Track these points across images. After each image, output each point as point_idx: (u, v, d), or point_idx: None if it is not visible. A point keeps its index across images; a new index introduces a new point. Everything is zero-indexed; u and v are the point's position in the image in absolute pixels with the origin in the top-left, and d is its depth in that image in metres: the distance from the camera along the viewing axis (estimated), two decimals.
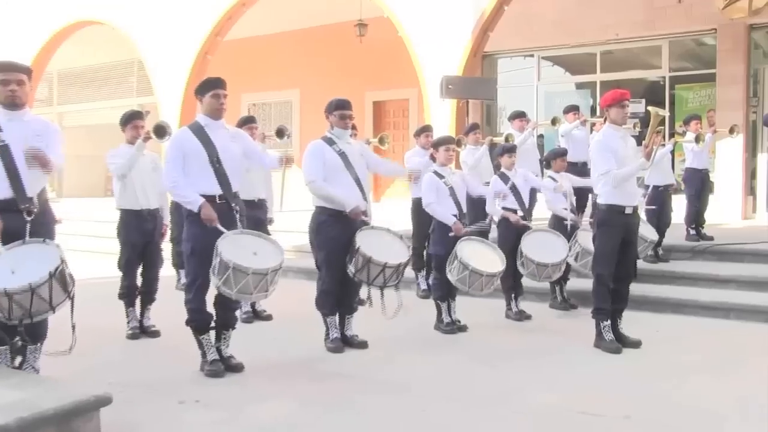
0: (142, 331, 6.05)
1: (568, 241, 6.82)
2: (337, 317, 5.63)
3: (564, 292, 7.30)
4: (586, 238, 6.72)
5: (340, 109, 5.49)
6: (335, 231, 5.39)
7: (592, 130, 9.61)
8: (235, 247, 4.56)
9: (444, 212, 6.20)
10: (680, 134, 9.40)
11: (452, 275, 6.00)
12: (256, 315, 6.77)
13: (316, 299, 5.60)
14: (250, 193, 6.24)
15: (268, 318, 6.79)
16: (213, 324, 4.93)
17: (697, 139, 8.51)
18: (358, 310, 5.72)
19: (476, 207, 7.29)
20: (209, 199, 4.72)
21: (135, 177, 5.81)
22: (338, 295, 5.54)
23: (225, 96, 4.84)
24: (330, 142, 5.49)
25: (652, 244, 7.40)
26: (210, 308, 4.92)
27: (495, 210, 6.90)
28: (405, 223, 7.91)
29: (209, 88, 4.82)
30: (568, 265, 6.95)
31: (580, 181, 7.41)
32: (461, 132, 8.97)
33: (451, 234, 6.08)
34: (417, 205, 7.67)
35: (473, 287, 5.95)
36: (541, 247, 6.62)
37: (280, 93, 16.35)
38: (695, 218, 8.86)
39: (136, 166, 5.81)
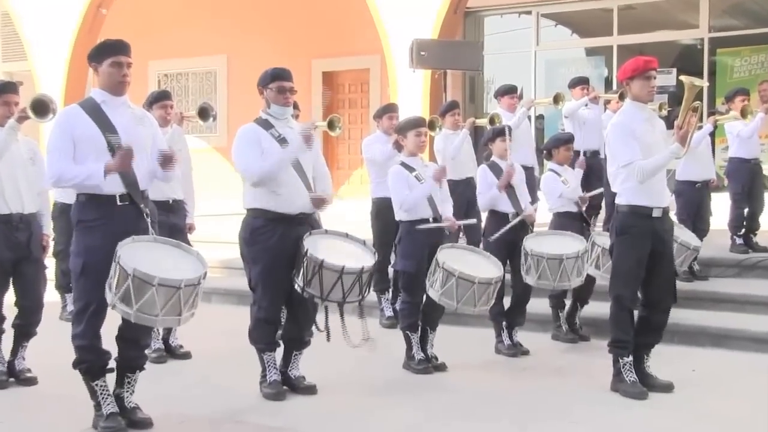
0: (13, 377, 5.97)
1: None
2: (278, 353, 5.63)
3: (577, 319, 7.41)
4: (605, 239, 6.81)
5: (277, 80, 5.50)
6: (274, 240, 5.39)
7: (605, 110, 9.79)
8: (140, 253, 4.55)
9: (415, 195, 6.23)
10: (722, 113, 9.59)
11: (435, 290, 6.05)
12: (169, 352, 6.74)
13: (250, 330, 5.60)
14: (163, 192, 6.22)
15: (186, 356, 6.77)
16: (112, 365, 4.90)
17: (743, 113, 8.65)
18: (310, 344, 5.74)
19: (459, 207, 7.37)
20: (108, 200, 4.69)
21: (2, 171, 5.72)
22: (287, 325, 5.55)
23: (129, 65, 4.83)
24: (266, 125, 5.50)
25: (695, 252, 7.52)
26: (108, 344, 4.89)
27: (488, 204, 6.97)
28: (364, 231, 7.95)
29: (107, 53, 4.80)
30: (588, 282, 7.02)
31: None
32: (436, 112, 9.05)
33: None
34: (379, 207, 7.72)
35: (464, 301, 5.98)
36: (552, 243, 6.70)
37: (202, 60, 16.29)
38: (743, 223, 9.05)
39: (6, 156, 5.73)
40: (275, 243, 5.38)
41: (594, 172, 9.14)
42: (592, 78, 11.29)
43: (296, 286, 5.34)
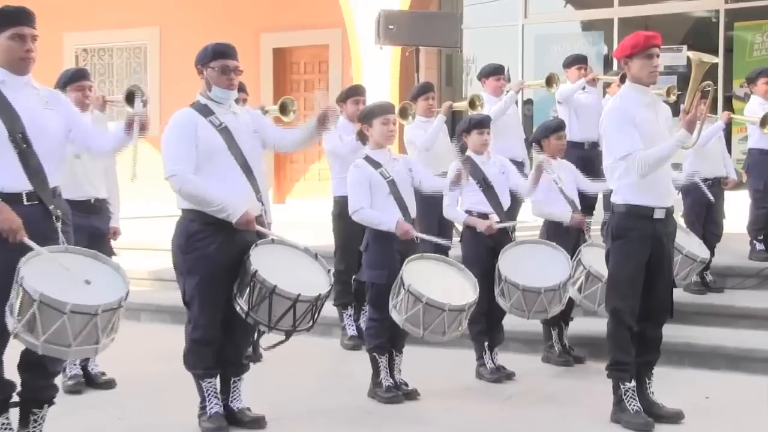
0: None
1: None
2: (218, 380, 5.63)
3: (565, 339, 7.49)
4: (594, 255, 6.91)
5: (219, 58, 5.50)
6: (214, 247, 5.38)
7: (605, 94, 9.87)
8: (49, 271, 4.50)
9: (380, 216, 6.30)
10: (741, 98, 9.69)
11: (398, 313, 6.08)
12: (89, 380, 6.69)
13: (185, 353, 5.59)
14: (82, 190, 6.20)
15: (109, 384, 6.72)
16: (16, 398, 4.86)
17: (764, 123, 8.77)
18: (250, 369, 5.73)
19: (431, 211, 7.41)
20: (12, 198, 4.66)
21: None
22: (222, 345, 5.55)
23: (34, 37, 4.80)
24: (205, 111, 5.49)
25: (701, 264, 7.65)
26: (10, 373, 4.85)
27: (456, 214, 7.03)
28: (324, 236, 7.97)
29: (6, 23, 4.77)
30: (570, 301, 7.12)
31: (587, 185, 7.55)
32: (407, 96, 9.09)
33: (401, 235, 6.18)
34: (342, 207, 7.72)
35: (431, 329, 6.02)
36: (530, 265, 6.77)
37: (128, 33, 16.18)
38: (765, 225, 9.12)
39: None
40: (215, 251, 5.37)
41: (591, 167, 9.20)
42: (590, 56, 11.34)
43: (237, 308, 5.35)
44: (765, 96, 9.11)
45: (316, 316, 5.45)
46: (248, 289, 5.28)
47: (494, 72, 9.52)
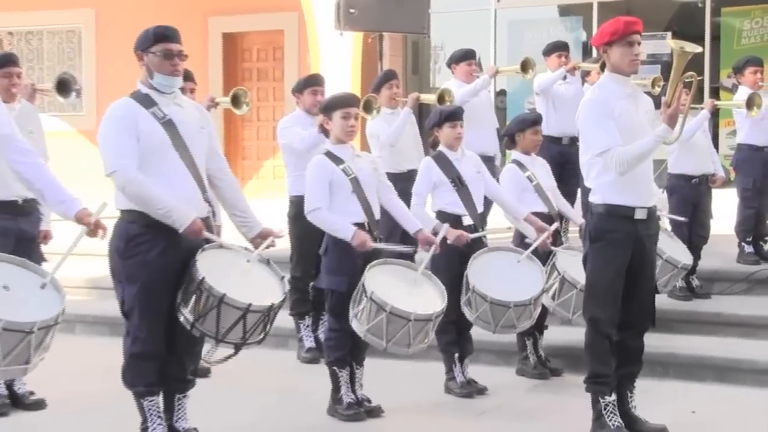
0: None
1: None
2: (161, 398, 5.58)
3: (540, 349, 7.52)
4: (570, 260, 6.94)
5: (161, 42, 5.45)
6: (156, 251, 5.33)
7: (584, 83, 9.92)
8: None
9: (337, 222, 6.29)
10: (729, 89, 9.76)
11: (360, 323, 6.06)
12: (15, 401, 6.61)
13: (124, 369, 5.52)
14: (7, 189, 6.15)
15: (39, 405, 6.63)
16: None
17: (749, 104, 8.83)
18: (195, 385, 5.68)
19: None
20: None
21: None
22: (165, 360, 5.51)
23: None
24: (146, 101, 5.43)
25: (683, 271, 7.72)
26: None
27: (424, 217, 7.02)
28: (279, 239, 7.92)
29: None
30: (544, 308, 7.15)
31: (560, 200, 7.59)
32: (370, 87, 9.08)
33: (357, 247, 6.16)
34: (298, 208, 7.68)
35: (395, 341, 6.01)
36: (501, 275, 6.78)
37: (61, 15, 16.06)
38: (754, 227, 9.23)
39: None
40: (157, 256, 5.31)
41: (570, 163, 9.25)
42: (570, 44, 11.37)
43: (181, 318, 5.31)
44: (753, 86, 9.17)
45: (268, 327, 5.42)
46: (194, 298, 5.24)
47: (465, 57, 9.52)
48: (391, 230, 7.10)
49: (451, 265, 6.78)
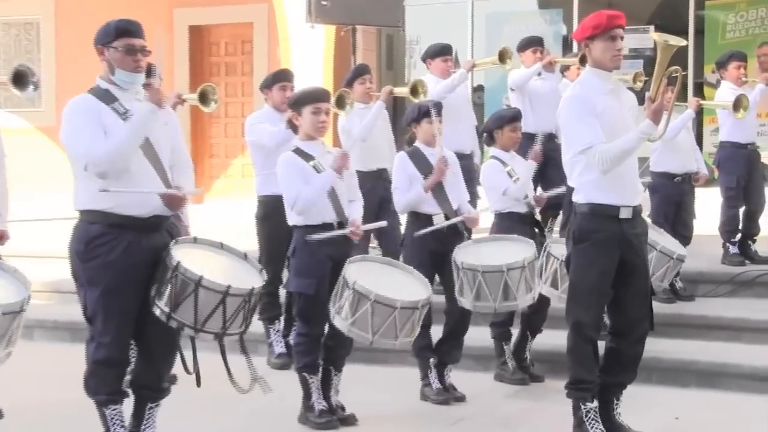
0: None
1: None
2: (124, 407, 5.51)
3: (527, 353, 7.52)
4: (563, 249, 6.90)
5: (124, 36, 5.41)
6: (119, 252, 5.29)
7: (563, 78, 9.93)
8: None
9: (316, 184, 6.25)
10: (713, 85, 9.80)
11: (343, 319, 6.05)
12: None
13: (86, 377, 5.48)
14: None
15: None
16: None
17: (736, 106, 8.84)
18: (170, 393, 5.65)
19: (369, 195, 7.38)
20: None
21: None
22: (139, 366, 5.49)
23: None
24: (106, 97, 5.39)
25: (679, 262, 7.64)
26: None
27: (408, 204, 6.99)
28: (248, 240, 7.90)
29: None
30: (542, 309, 7.15)
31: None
32: (342, 82, 9.06)
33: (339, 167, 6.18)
34: (267, 208, 7.69)
35: (381, 333, 5.98)
36: (487, 252, 6.78)
37: (17, 6, 15.93)
38: (738, 227, 9.29)
39: None
40: (120, 257, 5.28)
41: (551, 160, 9.26)
42: (547, 38, 11.41)
43: (157, 312, 5.27)
44: (737, 82, 9.22)
45: (249, 317, 5.39)
46: (169, 287, 5.21)
47: (441, 52, 9.48)
48: (367, 213, 7.00)
49: (425, 267, 6.75)
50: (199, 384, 5.44)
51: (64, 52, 15.38)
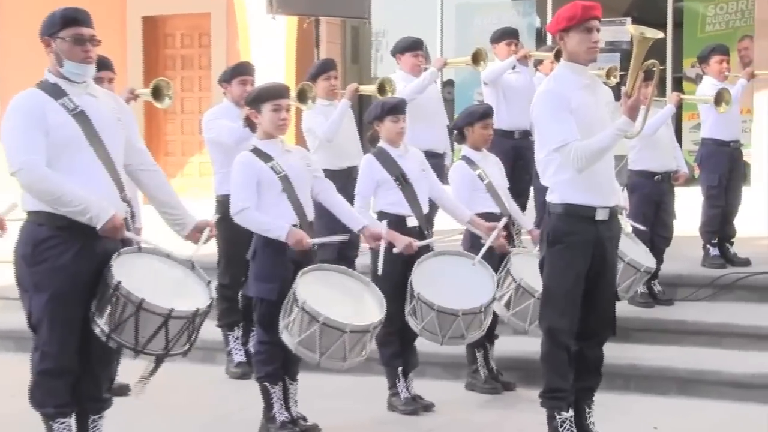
0: None
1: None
2: (73, 420, 5.49)
3: (491, 361, 7.52)
4: (526, 265, 6.94)
5: (72, 25, 5.36)
6: (68, 257, 5.25)
7: (536, 72, 9.95)
8: None
9: (268, 221, 6.24)
10: (692, 80, 9.84)
11: (290, 335, 6.02)
12: None
13: (32, 388, 5.43)
14: None
15: None
16: None
17: (718, 100, 8.90)
18: (112, 404, 5.61)
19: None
20: None
21: None
22: (78, 377, 5.42)
23: None
24: (55, 92, 5.35)
25: (645, 275, 7.74)
26: None
27: (364, 215, 6.99)
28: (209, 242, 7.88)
29: None
30: (495, 316, 7.16)
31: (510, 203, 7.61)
32: (305, 76, 9.04)
33: (294, 245, 6.14)
34: (226, 208, 7.62)
35: (329, 355, 5.98)
36: (449, 281, 6.78)
37: None
38: (719, 228, 9.35)
39: None
40: (69, 262, 5.24)
41: (522, 159, 9.28)
42: (520, 30, 11.40)
43: (96, 330, 5.23)
44: (719, 77, 9.27)
45: (193, 337, 5.37)
46: (109, 306, 5.17)
47: (411, 47, 9.49)
48: (328, 222, 6.97)
49: (395, 273, 6.76)
50: (142, 389, 5.41)
51: (6, 45, 15.23)
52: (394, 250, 6.74)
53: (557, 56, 8.45)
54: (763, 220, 11.20)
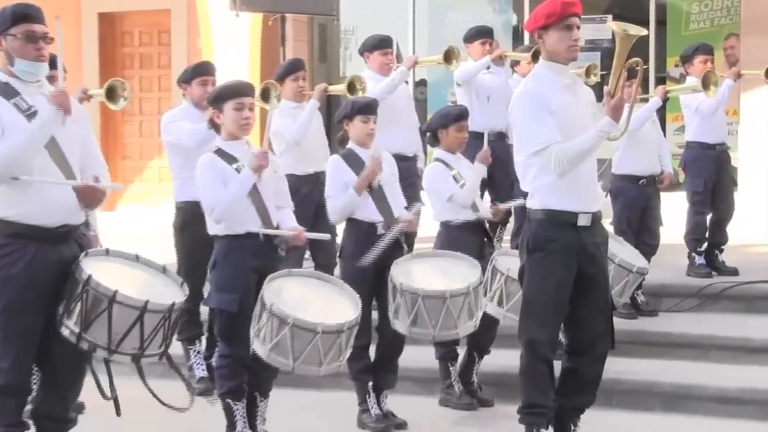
0: None
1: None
2: None
3: (474, 376, 7.53)
4: (511, 262, 6.89)
5: (21, 22, 5.33)
6: (21, 265, 5.23)
7: (513, 73, 9.97)
8: None
9: (232, 188, 6.20)
10: (676, 80, 9.86)
11: (262, 343, 5.99)
12: None
13: None
14: None
15: None
16: None
17: (706, 83, 8.88)
18: (76, 423, 5.58)
19: (304, 216, 7.39)
20: None
21: None
22: (43, 393, 5.41)
23: None
24: (7, 91, 5.33)
25: (639, 276, 7.69)
26: None
27: (342, 212, 6.98)
28: (165, 251, 7.85)
29: None
30: (491, 327, 7.16)
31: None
32: (270, 75, 9.03)
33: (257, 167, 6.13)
34: (186, 216, 7.63)
35: (303, 359, 5.93)
36: (431, 274, 6.78)
37: None
38: (705, 235, 9.37)
39: None
40: (23, 271, 5.22)
41: (500, 162, 9.28)
42: (496, 28, 11.45)
43: (66, 332, 5.20)
44: (703, 80, 9.28)
45: (169, 337, 5.35)
46: (80, 304, 5.14)
47: (381, 45, 9.48)
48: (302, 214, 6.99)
49: (366, 281, 6.76)
50: (118, 413, 5.39)
51: None
52: (362, 261, 6.74)
53: (534, 57, 8.46)
54: (752, 227, 11.23)
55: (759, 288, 8.64)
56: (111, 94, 7.67)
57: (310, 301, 6.16)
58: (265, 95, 8.27)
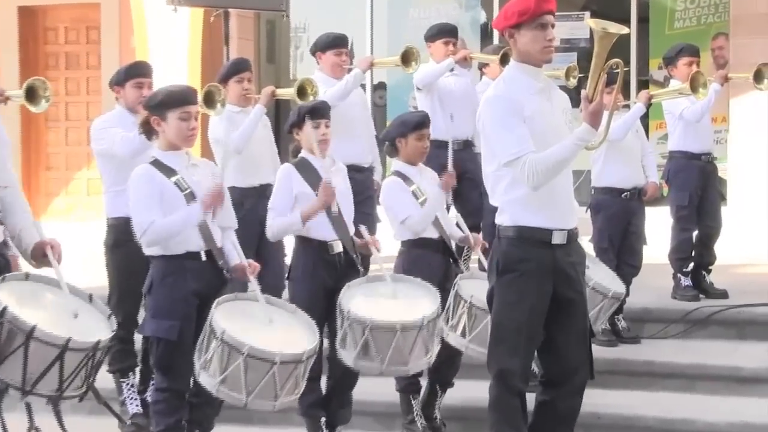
0: None
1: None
2: None
3: (437, 410, 7.52)
4: (475, 287, 6.93)
5: None
6: None
7: (481, 77, 9.99)
8: None
9: (177, 217, 6.18)
10: (660, 83, 9.90)
11: (210, 375, 5.97)
12: None
13: None
14: None
15: None
16: None
17: (694, 86, 8.89)
18: None
19: (249, 233, 7.45)
20: None
21: None
22: None
23: None
24: None
25: (614, 301, 7.72)
26: None
27: (283, 229, 6.98)
28: (96, 273, 7.81)
29: None
30: (454, 359, 7.19)
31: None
32: (213, 77, 9.02)
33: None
34: (118, 234, 7.59)
35: (258, 393, 5.91)
36: (383, 301, 6.77)
37: None
38: (691, 253, 9.42)
39: None
40: None
41: (466, 174, 9.28)
42: (462, 26, 11.50)
43: None
44: (686, 79, 9.33)
45: (92, 376, 5.35)
46: None
47: (334, 44, 9.49)
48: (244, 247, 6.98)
49: (317, 306, 6.76)
50: None
51: None
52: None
53: (503, 61, 8.46)
54: (743, 245, 11.29)
55: (750, 312, 8.68)
56: (31, 95, 7.62)
57: (263, 327, 6.15)
58: (209, 100, 8.24)
